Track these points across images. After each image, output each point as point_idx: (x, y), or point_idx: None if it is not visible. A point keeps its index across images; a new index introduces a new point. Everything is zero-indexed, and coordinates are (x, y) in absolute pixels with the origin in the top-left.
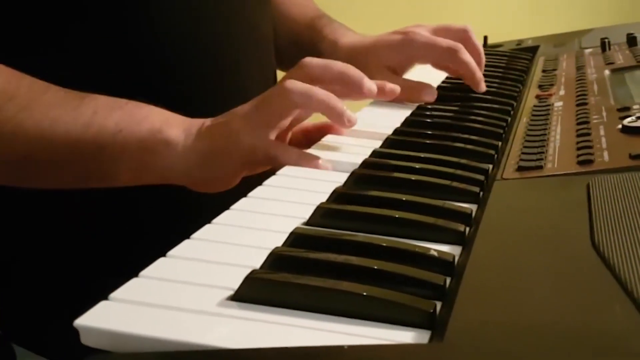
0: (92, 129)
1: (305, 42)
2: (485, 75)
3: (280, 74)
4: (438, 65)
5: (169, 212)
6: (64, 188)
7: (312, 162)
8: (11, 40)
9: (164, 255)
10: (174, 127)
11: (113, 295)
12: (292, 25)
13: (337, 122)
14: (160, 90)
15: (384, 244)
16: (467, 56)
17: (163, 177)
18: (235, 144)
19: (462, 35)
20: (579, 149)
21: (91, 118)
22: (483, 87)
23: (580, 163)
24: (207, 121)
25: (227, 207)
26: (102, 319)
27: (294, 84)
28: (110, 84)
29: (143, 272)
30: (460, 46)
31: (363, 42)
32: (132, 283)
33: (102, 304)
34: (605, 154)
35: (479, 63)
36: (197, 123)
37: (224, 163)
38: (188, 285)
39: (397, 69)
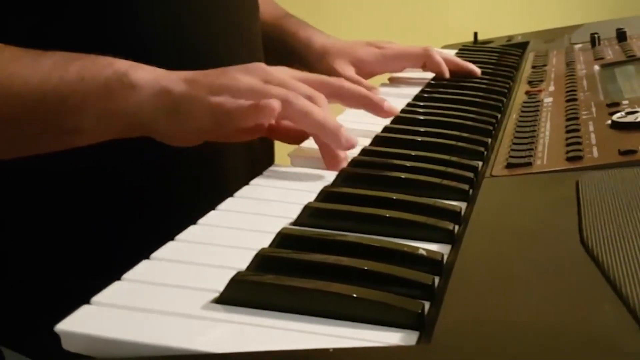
0: (53, 80)
1: (274, 41)
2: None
3: None
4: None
5: (154, 213)
6: (27, 153)
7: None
8: None
9: (147, 257)
10: (141, 70)
11: (95, 299)
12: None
13: (332, 143)
14: None
15: (373, 244)
16: (438, 57)
17: (129, 125)
18: (207, 97)
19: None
20: (568, 145)
21: (51, 69)
22: (476, 70)
23: (569, 159)
24: (181, 73)
25: (212, 208)
26: (83, 323)
27: (297, 99)
28: None
29: (126, 275)
30: (432, 53)
31: (335, 44)
32: (115, 286)
33: (84, 309)
34: (595, 150)
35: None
36: (168, 72)
37: (193, 114)
38: (172, 288)
39: (366, 75)
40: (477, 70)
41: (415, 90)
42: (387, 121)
